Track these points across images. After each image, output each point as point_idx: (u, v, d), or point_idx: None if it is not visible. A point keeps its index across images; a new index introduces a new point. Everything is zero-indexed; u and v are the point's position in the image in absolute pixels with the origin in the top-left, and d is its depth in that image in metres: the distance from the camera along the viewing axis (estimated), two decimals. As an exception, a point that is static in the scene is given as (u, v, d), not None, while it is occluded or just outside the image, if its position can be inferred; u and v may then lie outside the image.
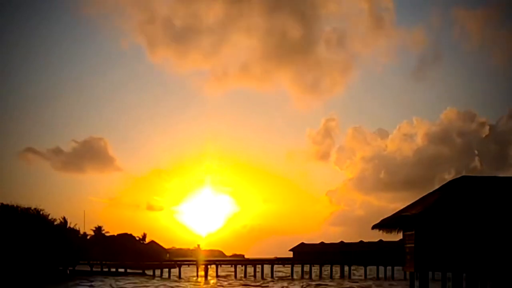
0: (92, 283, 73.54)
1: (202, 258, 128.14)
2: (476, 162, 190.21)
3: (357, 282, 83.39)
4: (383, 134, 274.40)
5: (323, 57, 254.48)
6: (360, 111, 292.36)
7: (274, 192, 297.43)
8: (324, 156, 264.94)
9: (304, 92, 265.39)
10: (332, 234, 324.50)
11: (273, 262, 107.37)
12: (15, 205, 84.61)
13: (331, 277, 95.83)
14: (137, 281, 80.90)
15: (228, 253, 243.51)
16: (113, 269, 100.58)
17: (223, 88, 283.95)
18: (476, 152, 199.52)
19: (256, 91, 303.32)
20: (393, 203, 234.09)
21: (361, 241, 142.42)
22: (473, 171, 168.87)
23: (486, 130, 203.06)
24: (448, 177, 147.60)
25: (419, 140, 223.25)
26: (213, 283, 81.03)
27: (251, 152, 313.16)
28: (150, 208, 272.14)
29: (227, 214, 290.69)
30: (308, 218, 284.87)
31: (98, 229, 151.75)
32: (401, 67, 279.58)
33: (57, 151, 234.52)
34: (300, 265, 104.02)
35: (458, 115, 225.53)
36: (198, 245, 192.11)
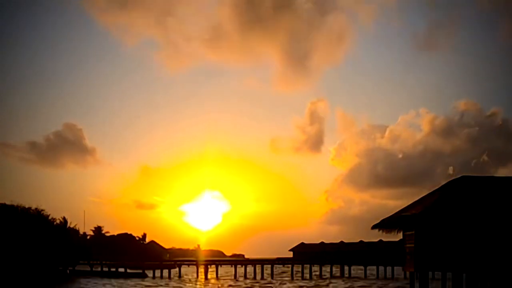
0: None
1: (202, 258, 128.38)
2: (484, 157, 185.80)
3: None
4: (382, 124, 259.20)
5: (312, 20, 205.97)
6: (356, 94, 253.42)
7: (265, 189, 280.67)
8: (314, 147, 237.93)
9: (289, 66, 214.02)
10: (329, 232, 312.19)
11: (273, 262, 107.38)
12: (15, 205, 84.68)
13: (331, 277, 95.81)
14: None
15: (228, 253, 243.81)
16: (113, 269, 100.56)
17: (185, 63, 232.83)
18: (485, 146, 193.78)
19: (229, 66, 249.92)
20: (394, 200, 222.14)
21: (361, 241, 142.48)
22: (481, 165, 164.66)
23: (497, 123, 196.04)
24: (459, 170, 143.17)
25: (425, 133, 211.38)
26: (213, 283, 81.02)
27: (233, 145, 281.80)
28: (140, 206, 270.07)
29: (219, 212, 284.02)
30: (302, 214, 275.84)
31: (98, 229, 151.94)
32: (407, 34, 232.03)
33: (32, 144, 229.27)
34: (300, 265, 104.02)
35: (467, 106, 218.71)
36: (198, 245, 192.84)
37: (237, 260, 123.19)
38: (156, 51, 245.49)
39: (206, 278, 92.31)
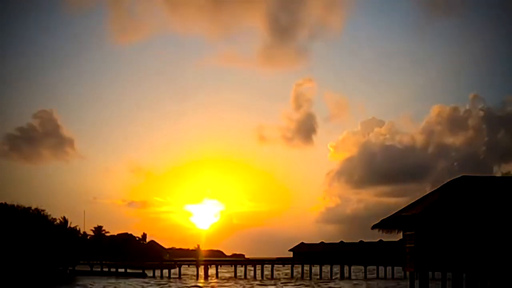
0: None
1: (202, 258, 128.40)
2: (490, 152, 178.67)
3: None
4: (381, 115, 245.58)
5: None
6: (354, 74, 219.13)
7: (257, 186, 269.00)
8: (305, 138, 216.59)
9: (274, 40, 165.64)
10: (327, 231, 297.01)
11: (273, 262, 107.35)
12: (15, 205, 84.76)
13: (331, 277, 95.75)
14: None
15: (228, 253, 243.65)
16: (113, 269, 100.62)
17: (142, 33, 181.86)
18: (491, 140, 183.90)
19: (199, 39, 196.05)
20: (394, 197, 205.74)
21: (361, 241, 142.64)
22: (486, 161, 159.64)
23: (506, 116, 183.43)
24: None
25: (429, 125, 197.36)
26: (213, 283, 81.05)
27: (216, 138, 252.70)
28: (131, 205, 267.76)
29: (213, 212, 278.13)
30: (298, 212, 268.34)
31: (98, 229, 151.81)
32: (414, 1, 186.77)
33: (7, 137, 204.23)
34: (300, 265, 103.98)
35: (475, 98, 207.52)
36: (198, 245, 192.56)
37: (237, 260, 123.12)
38: (105, 19, 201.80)
39: (206, 278, 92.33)
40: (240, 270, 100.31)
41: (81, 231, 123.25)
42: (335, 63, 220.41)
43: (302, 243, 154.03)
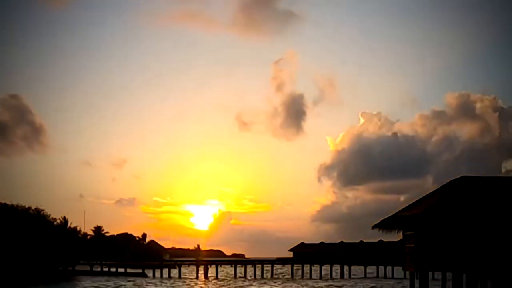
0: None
1: (202, 258, 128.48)
2: (495, 148, 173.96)
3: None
4: (382, 106, 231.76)
5: None
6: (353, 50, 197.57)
7: (252, 185, 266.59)
8: (295, 126, 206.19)
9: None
10: (324, 230, 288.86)
11: (273, 262, 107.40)
12: (15, 205, 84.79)
13: (331, 277, 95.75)
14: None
15: (228, 252, 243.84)
16: (113, 269, 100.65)
17: None
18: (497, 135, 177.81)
19: None
20: (396, 194, 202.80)
21: (361, 241, 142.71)
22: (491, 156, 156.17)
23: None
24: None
25: (432, 116, 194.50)
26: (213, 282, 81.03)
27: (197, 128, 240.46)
28: (119, 203, 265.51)
29: (209, 213, 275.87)
30: (294, 211, 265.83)
31: (98, 229, 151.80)
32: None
33: None
34: (300, 265, 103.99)
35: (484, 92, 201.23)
36: (198, 245, 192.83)
37: (237, 260, 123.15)
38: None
39: (206, 277, 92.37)
40: (240, 270, 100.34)
41: (81, 231, 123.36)
42: (328, 34, 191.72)
43: (302, 243, 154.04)
